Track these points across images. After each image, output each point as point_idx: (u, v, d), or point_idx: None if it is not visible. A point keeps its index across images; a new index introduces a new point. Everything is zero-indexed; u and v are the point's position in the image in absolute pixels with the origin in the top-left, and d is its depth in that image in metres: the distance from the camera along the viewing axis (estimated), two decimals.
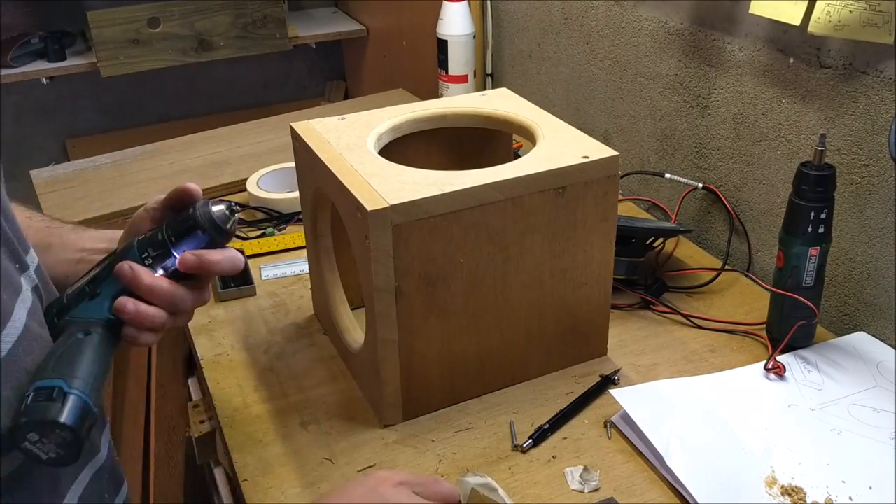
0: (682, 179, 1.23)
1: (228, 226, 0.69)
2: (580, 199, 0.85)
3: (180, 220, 0.69)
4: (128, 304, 0.65)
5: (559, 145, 0.88)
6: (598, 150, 0.86)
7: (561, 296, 0.89)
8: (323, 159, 0.86)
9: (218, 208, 0.69)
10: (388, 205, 0.76)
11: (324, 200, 0.92)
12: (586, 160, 0.84)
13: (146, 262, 0.67)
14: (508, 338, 0.89)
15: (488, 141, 1.04)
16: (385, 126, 0.95)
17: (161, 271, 0.67)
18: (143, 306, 0.66)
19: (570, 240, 0.87)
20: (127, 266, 0.66)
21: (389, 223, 0.76)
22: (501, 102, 1.00)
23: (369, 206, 0.75)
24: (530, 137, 0.93)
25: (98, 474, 0.68)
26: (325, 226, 0.96)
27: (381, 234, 0.76)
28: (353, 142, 0.90)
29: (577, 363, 0.95)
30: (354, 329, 0.94)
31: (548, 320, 0.90)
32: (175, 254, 0.68)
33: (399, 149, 0.95)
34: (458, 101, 1.01)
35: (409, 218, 0.77)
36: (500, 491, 0.73)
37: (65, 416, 0.56)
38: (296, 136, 0.94)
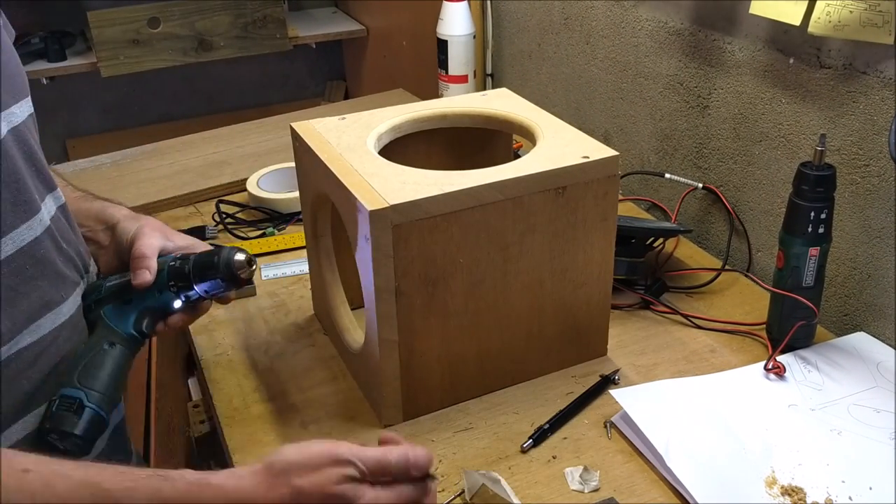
0: (682, 179, 1.23)
1: (244, 275, 0.79)
2: (580, 199, 0.85)
3: (205, 261, 0.79)
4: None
5: (559, 145, 0.88)
6: (598, 150, 0.86)
7: (561, 296, 0.89)
8: (323, 159, 0.86)
9: (238, 258, 0.79)
10: (388, 205, 0.76)
11: (324, 200, 0.92)
12: (586, 160, 0.84)
13: (171, 288, 0.79)
14: (508, 338, 0.89)
15: (488, 141, 1.04)
16: (385, 126, 0.94)
17: (182, 298, 0.80)
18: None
19: (570, 240, 0.87)
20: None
21: (389, 223, 0.76)
22: (501, 102, 1.00)
23: (369, 206, 0.75)
24: (530, 137, 0.93)
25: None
26: (325, 226, 0.96)
27: (381, 234, 0.76)
28: (353, 142, 0.90)
29: (577, 363, 0.95)
30: (354, 329, 0.93)
31: (548, 320, 0.90)
32: (196, 289, 0.79)
33: (399, 149, 0.95)
34: (458, 101, 1.01)
35: (409, 218, 0.77)
36: (503, 482, 0.73)
37: (80, 429, 0.69)
38: (296, 136, 0.94)
